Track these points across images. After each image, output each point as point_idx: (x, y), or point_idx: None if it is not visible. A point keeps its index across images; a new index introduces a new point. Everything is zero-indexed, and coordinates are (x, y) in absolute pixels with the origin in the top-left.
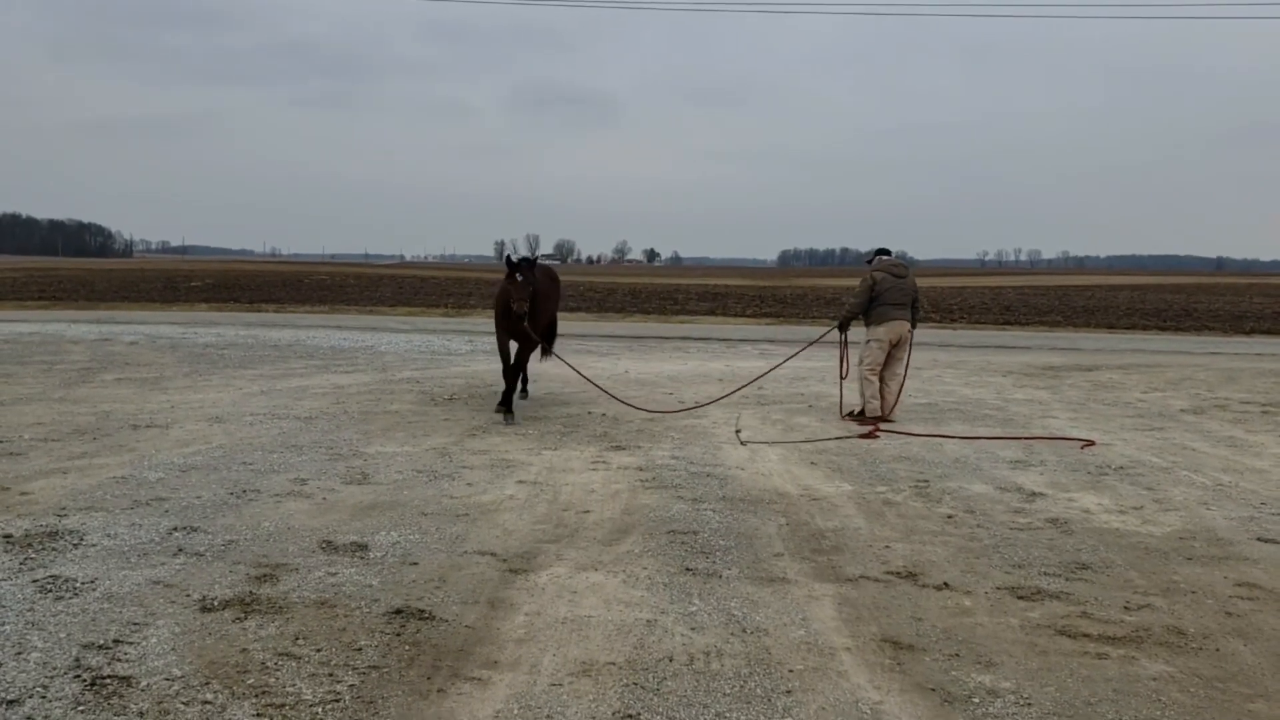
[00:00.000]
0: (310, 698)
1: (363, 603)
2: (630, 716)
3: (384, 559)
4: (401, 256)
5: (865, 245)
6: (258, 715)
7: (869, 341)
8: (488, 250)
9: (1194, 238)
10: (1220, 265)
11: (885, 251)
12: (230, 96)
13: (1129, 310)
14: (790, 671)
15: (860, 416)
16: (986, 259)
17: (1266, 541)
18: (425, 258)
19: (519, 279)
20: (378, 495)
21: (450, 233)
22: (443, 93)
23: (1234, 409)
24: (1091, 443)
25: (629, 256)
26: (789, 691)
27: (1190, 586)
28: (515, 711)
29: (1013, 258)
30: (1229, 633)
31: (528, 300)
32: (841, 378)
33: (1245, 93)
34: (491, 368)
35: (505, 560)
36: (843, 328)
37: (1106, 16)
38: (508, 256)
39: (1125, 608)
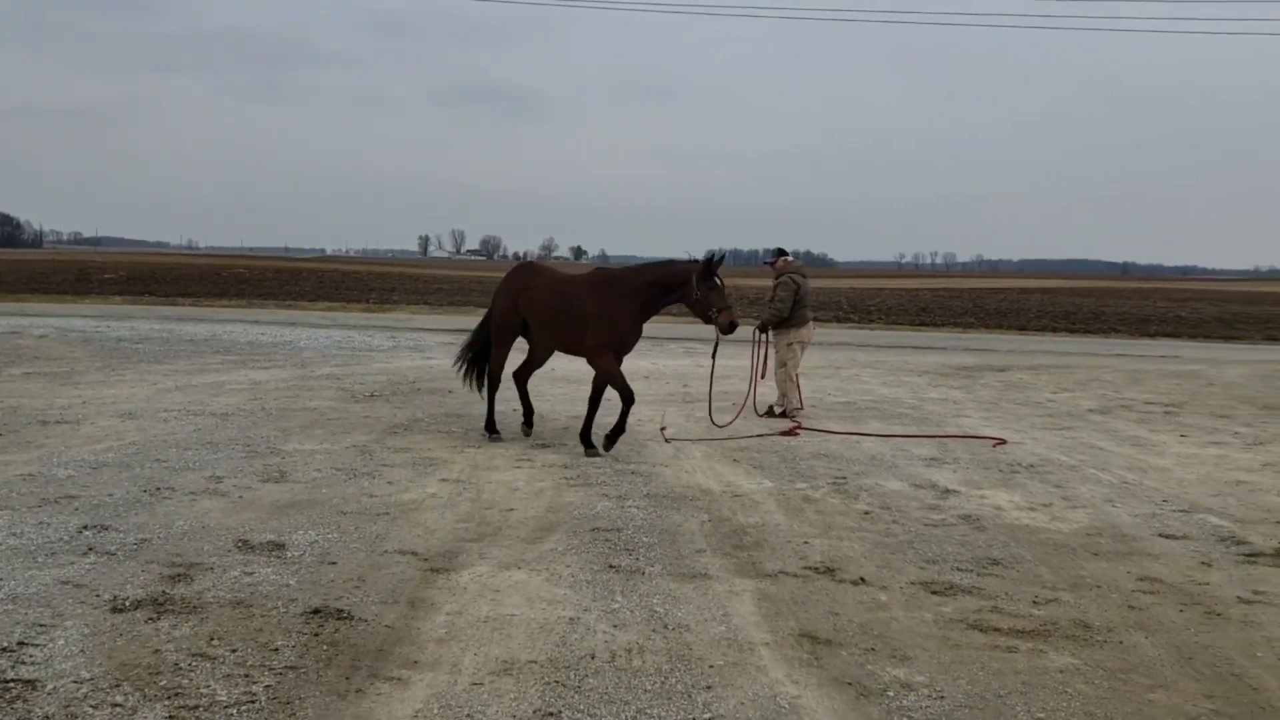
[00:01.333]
0: (225, 699)
1: (280, 602)
2: (551, 715)
3: (302, 558)
4: (323, 251)
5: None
6: (170, 717)
7: (791, 344)
8: (411, 245)
9: (1102, 243)
10: (1126, 270)
11: (784, 251)
12: (152, 84)
13: (1040, 313)
14: (710, 667)
15: (780, 414)
16: (904, 261)
17: (1168, 537)
18: (347, 252)
19: (718, 284)
20: (296, 493)
21: (373, 227)
22: (369, 86)
23: (1139, 409)
24: (1003, 441)
25: (556, 254)
26: (709, 687)
27: (1096, 581)
28: (435, 711)
29: (929, 260)
30: (1131, 626)
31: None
32: (761, 378)
33: (1152, 105)
34: (414, 364)
35: (426, 559)
36: (765, 329)
37: (1023, 26)
38: (709, 257)
39: (1034, 602)
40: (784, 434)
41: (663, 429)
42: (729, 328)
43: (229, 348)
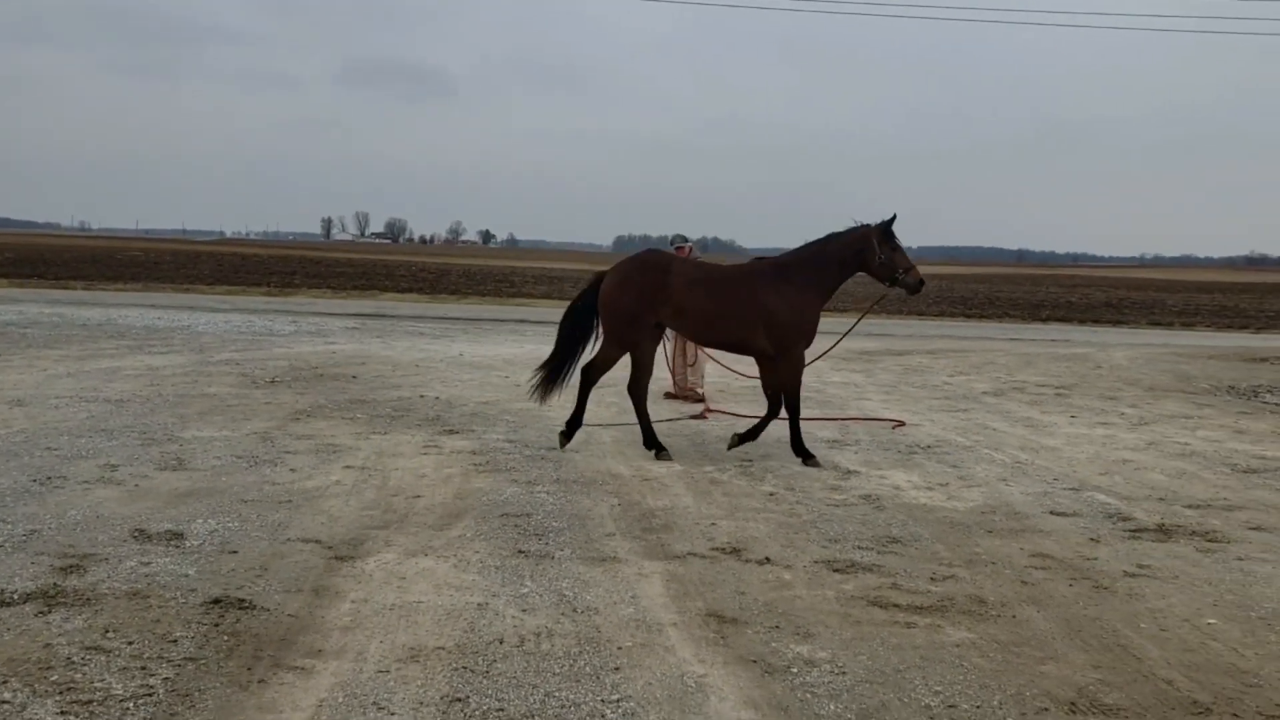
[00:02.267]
0: (121, 692)
1: (178, 593)
2: (459, 700)
3: (201, 547)
4: (222, 233)
5: (697, 232)
6: (62, 713)
7: None
8: (313, 228)
9: (998, 231)
10: (1021, 257)
11: (685, 239)
12: (37, 59)
13: (938, 298)
14: (619, 649)
15: (688, 398)
16: None
17: (1058, 515)
18: (247, 234)
19: (899, 244)
20: (194, 482)
21: (275, 209)
22: (270, 64)
23: (1031, 391)
24: (902, 423)
25: (463, 237)
26: (617, 668)
27: (990, 558)
28: (340, 700)
29: None
30: (1024, 600)
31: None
32: (690, 364)
33: (1043, 95)
34: (317, 349)
35: (331, 547)
36: None
37: (919, 18)
38: (889, 219)
39: (932, 579)
40: (694, 418)
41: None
42: (919, 285)
43: (124, 332)
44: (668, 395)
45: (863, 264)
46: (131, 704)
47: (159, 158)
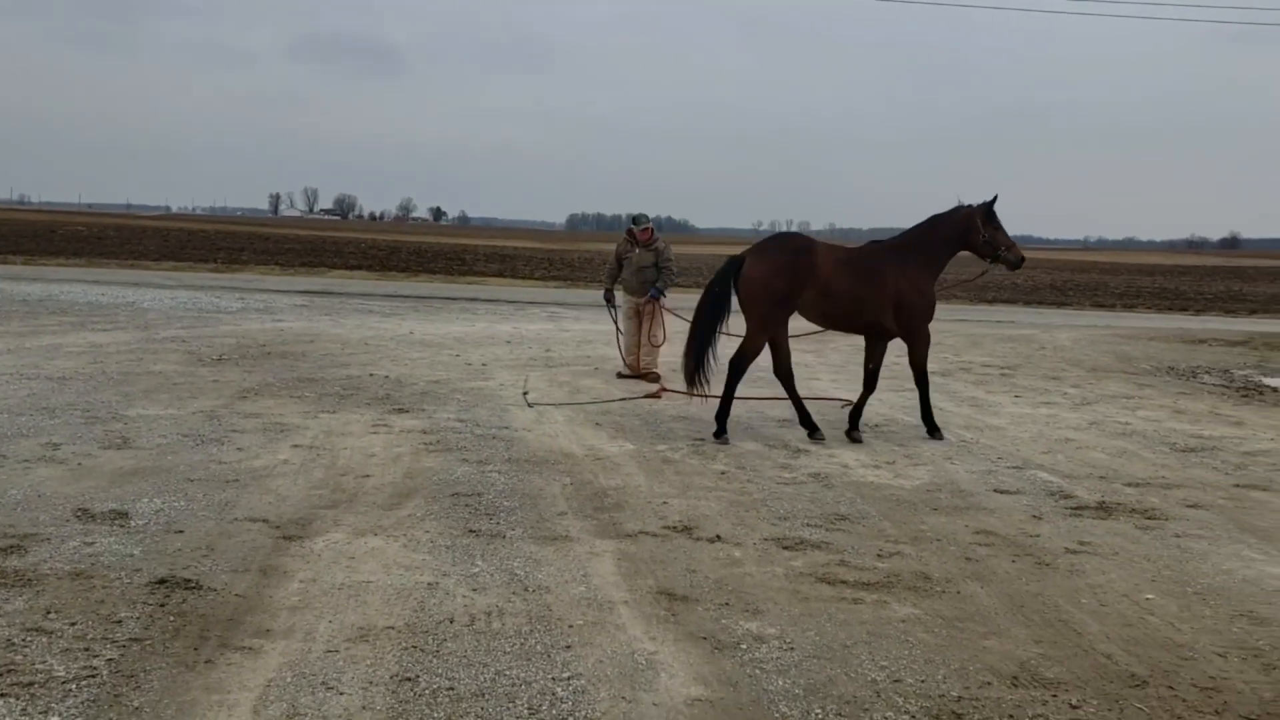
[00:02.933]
0: (63, 674)
1: (123, 573)
2: (409, 679)
3: (146, 527)
4: (167, 208)
5: (654, 211)
6: (2, 695)
7: (665, 310)
8: (261, 204)
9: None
10: None
11: (646, 217)
12: None
13: None
14: (570, 627)
15: (645, 378)
16: (761, 228)
17: (1002, 493)
18: (193, 209)
19: (1000, 223)
20: (139, 460)
21: (222, 184)
22: (218, 37)
23: (976, 371)
24: (851, 402)
25: (414, 214)
26: (568, 646)
27: (936, 535)
28: (289, 679)
29: (785, 227)
30: (968, 576)
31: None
32: (657, 345)
33: (990, 80)
34: (264, 327)
35: (278, 527)
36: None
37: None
38: (991, 200)
39: (878, 555)
40: (647, 396)
41: (525, 393)
42: (1019, 262)
43: (66, 309)
44: (620, 375)
45: (967, 243)
46: (74, 685)
47: (103, 130)
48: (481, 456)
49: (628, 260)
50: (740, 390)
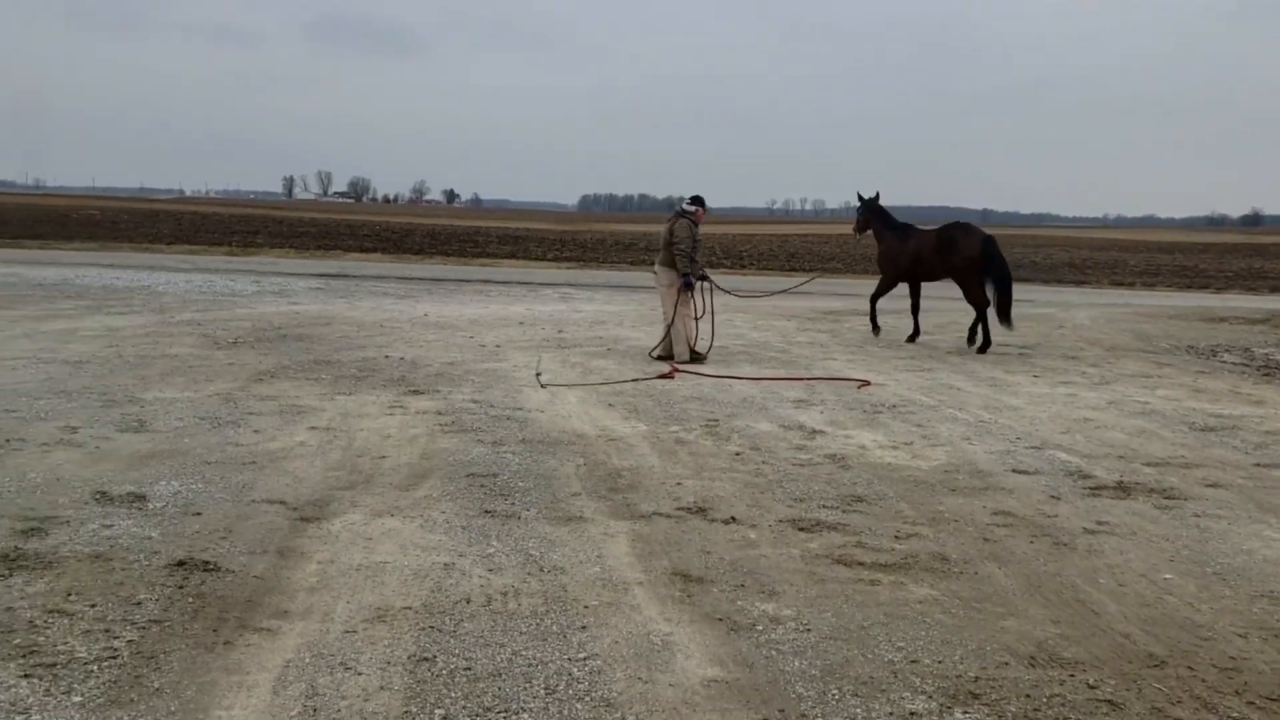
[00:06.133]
0: (85, 655)
1: (142, 555)
2: (426, 660)
3: (164, 510)
4: (181, 191)
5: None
6: (25, 676)
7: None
8: (275, 186)
9: (962, 191)
10: (985, 217)
11: (702, 199)
12: None
13: None
14: (585, 608)
15: (668, 359)
16: (775, 207)
17: (1020, 473)
18: (208, 193)
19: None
20: (157, 443)
21: (236, 167)
22: (232, 19)
23: (994, 351)
24: (867, 383)
25: (428, 197)
26: (584, 627)
27: (953, 516)
28: (307, 660)
29: (799, 207)
30: (986, 557)
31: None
32: (697, 319)
33: (1008, 53)
34: (280, 310)
35: (296, 508)
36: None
37: None
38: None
39: (896, 537)
40: (660, 377)
41: (538, 374)
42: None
43: (82, 293)
44: (656, 357)
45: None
46: (95, 666)
47: (117, 113)
48: (496, 437)
49: (699, 243)
50: (755, 371)
